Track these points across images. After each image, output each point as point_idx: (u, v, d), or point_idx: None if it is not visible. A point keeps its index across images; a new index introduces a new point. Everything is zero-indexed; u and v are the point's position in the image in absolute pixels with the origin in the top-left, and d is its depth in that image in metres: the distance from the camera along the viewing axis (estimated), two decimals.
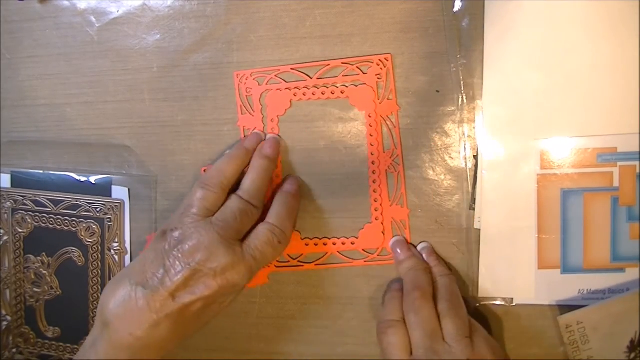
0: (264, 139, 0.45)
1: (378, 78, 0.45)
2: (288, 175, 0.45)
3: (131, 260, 0.50)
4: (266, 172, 0.43)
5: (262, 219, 0.42)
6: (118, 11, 0.48)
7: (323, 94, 0.45)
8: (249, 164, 0.44)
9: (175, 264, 0.38)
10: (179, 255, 0.38)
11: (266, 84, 0.46)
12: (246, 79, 0.46)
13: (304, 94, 0.46)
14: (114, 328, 0.37)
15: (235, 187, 0.43)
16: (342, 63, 0.45)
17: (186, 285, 0.37)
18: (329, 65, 0.45)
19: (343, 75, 0.45)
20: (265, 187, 0.43)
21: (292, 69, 0.46)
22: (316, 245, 0.47)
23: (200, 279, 0.38)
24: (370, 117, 0.45)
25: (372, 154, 0.46)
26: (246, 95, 0.47)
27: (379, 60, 0.45)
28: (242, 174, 0.44)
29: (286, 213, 0.42)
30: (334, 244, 0.47)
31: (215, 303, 0.39)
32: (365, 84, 0.45)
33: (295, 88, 0.46)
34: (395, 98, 0.45)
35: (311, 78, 0.45)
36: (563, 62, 0.42)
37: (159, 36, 0.48)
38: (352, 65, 0.45)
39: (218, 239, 0.38)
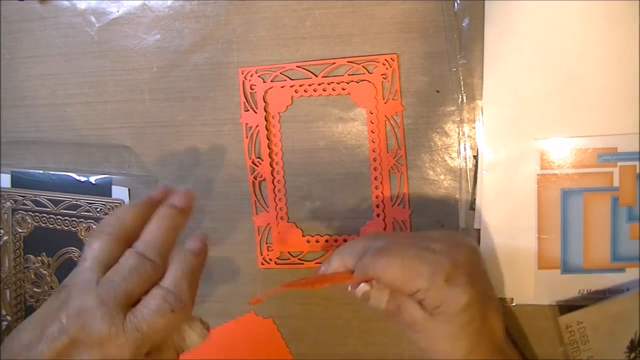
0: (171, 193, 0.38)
1: (384, 78, 0.45)
2: (197, 233, 0.37)
3: None
4: (171, 223, 0.36)
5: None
6: (118, 11, 0.48)
7: (324, 91, 0.45)
8: None
9: (54, 330, 0.32)
10: (61, 319, 0.32)
11: (270, 81, 0.46)
12: (251, 76, 0.46)
13: (305, 90, 0.46)
14: None
15: None
16: (348, 62, 0.45)
17: (65, 354, 0.32)
18: (334, 63, 0.45)
19: (348, 74, 0.45)
20: (170, 241, 0.35)
21: (297, 66, 0.46)
22: (317, 242, 0.47)
23: (79, 348, 0.32)
24: (371, 113, 0.45)
25: (373, 150, 0.45)
26: (250, 92, 0.47)
27: (385, 59, 0.44)
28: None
29: (185, 276, 0.34)
30: (336, 241, 0.47)
31: None
32: (367, 80, 0.45)
33: (299, 85, 0.46)
34: (400, 98, 0.45)
35: (316, 76, 0.45)
36: (563, 62, 0.42)
37: (159, 36, 0.48)
38: (358, 64, 0.45)
39: (97, 304, 0.31)
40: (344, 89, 0.45)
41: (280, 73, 0.46)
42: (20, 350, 0.33)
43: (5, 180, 0.52)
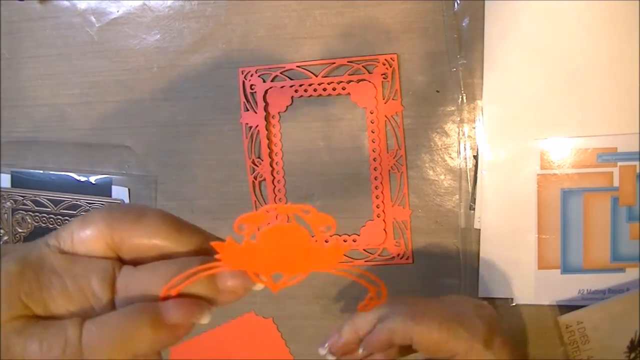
0: None
1: (384, 78, 0.45)
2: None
3: None
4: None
5: None
6: (118, 11, 0.48)
7: (324, 90, 0.45)
8: None
9: None
10: None
11: (270, 81, 0.46)
12: (251, 76, 0.46)
13: (305, 90, 0.46)
14: None
15: None
16: (348, 62, 0.45)
17: None
18: (334, 63, 0.45)
19: (348, 74, 0.45)
20: None
21: (297, 66, 0.46)
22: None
23: None
24: (371, 113, 0.45)
25: (373, 150, 0.45)
26: (250, 92, 0.47)
27: (385, 59, 0.44)
28: None
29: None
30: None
31: None
32: (367, 80, 0.45)
33: (299, 85, 0.46)
34: (400, 98, 0.45)
35: (316, 76, 0.45)
36: (563, 62, 0.42)
37: (159, 36, 0.48)
38: (358, 64, 0.45)
39: None
40: (344, 89, 0.45)
41: (280, 73, 0.46)
42: None
43: (5, 180, 0.52)
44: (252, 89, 0.47)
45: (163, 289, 0.22)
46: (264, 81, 0.46)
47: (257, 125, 0.47)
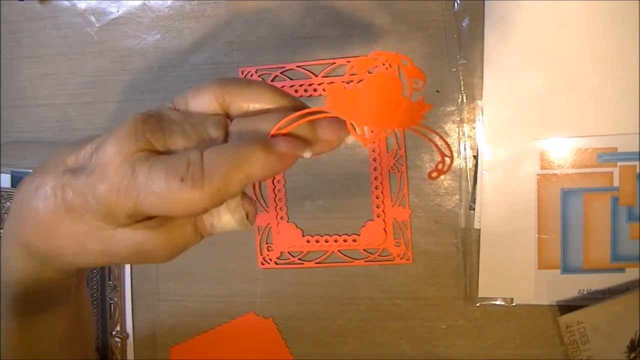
0: None
1: None
2: None
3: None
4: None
5: None
6: (118, 11, 0.48)
7: (324, 90, 0.45)
8: None
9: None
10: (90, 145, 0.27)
11: (270, 81, 0.46)
12: (251, 76, 0.46)
13: (305, 90, 0.46)
14: None
15: None
16: (348, 62, 0.45)
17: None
18: (334, 63, 0.45)
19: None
20: None
21: (297, 66, 0.46)
22: (317, 242, 0.47)
23: (85, 172, 0.26)
24: None
25: (373, 150, 0.45)
26: None
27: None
28: None
29: (226, 162, 0.25)
30: (336, 241, 0.47)
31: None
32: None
33: (299, 85, 0.46)
34: None
35: (316, 76, 0.45)
36: (563, 62, 0.42)
37: (159, 36, 0.48)
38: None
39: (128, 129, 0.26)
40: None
41: (280, 73, 0.46)
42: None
43: (5, 180, 0.51)
44: None
45: (272, 130, 0.25)
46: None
47: None
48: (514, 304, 0.45)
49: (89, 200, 0.24)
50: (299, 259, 0.47)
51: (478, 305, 0.45)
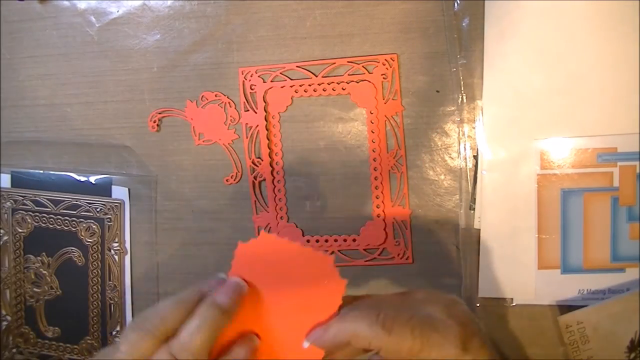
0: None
1: (383, 78, 0.45)
2: (229, 281, 0.34)
3: (131, 261, 0.50)
4: (212, 326, 0.32)
5: None
6: (118, 11, 0.48)
7: (324, 91, 0.45)
8: None
9: None
10: None
11: (270, 81, 0.46)
12: (251, 76, 0.46)
13: (305, 90, 0.46)
14: None
15: None
16: (348, 62, 0.45)
17: None
18: (334, 63, 0.45)
19: (348, 74, 0.45)
20: (208, 344, 0.32)
21: (297, 66, 0.46)
22: (317, 242, 0.47)
23: None
24: (371, 113, 0.45)
25: (373, 150, 0.45)
26: (250, 92, 0.47)
27: (385, 59, 0.44)
28: None
29: (201, 331, 0.32)
30: (335, 240, 0.47)
31: None
32: (367, 80, 0.45)
33: (299, 85, 0.46)
34: (400, 98, 0.45)
35: (316, 76, 0.45)
36: (563, 62, 0.42)
37: (159, 36, 0.48)
38: (358, 64, 0.45)
39: None
40: (344, 89, 0.45)
41: (280, 73, 0.46)
42: None
43: (5, 180, 0.52)
44: (252, 89, 0.47)
45: None
46: (264, 81, 0.46)
47: (257, 125, 0.47)
48: (514, 304, 0.45)
49: None
50: None
51: (478, 305, 0.45)
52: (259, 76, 0.46)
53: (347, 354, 0.34)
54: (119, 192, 0.49)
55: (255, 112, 0.47)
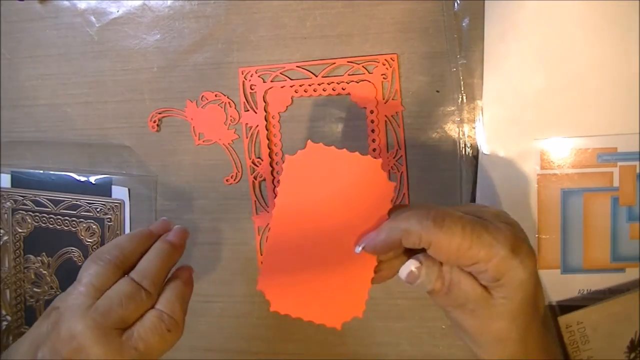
0: (171, 228, 0.41)
1: (383, 78, 0.45)
2: (182, 265, 0.40)
3: None
4: (167, 258, 0.38)
5: None
6: (118, 11, 0.48)
7: (324, 91, 0.45)
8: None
9: (47, 353, 0.33)
10: (53, 342, 0.34)
11: (270, 81, 0.46)
12: (251, 76, 0.46)
13: (305, 90, 0.46)
14: None
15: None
16: (348, 62, 0.45)
17: None
18: (334, 63, 0.45)
19: (348, 74, 0.45)
20: (164, 274, 0.38)
21: (297, 66, 0.46)
22: None
23: None
24: (371, 113, 0.45)
25: (373, 150, 0.45)
26: (250, 92, 0.47)
27: (385, 60, 0.45)
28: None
29: (177, 300, 0.37)
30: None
31: None
32: (367, 80, 0.45)
33: (299, 85, 0.46)
34: (400, 98, 0.45)
35: (316, 76, 0.45)
36: (563, 62, 0.42)
37: (159, 36, 0.48)
38: (358, 64, 0.45)
39: (92, 327, 0.33)
40: (344, 89, 0.45)
41: (280, 73, 0.46)
42: None
43: (5, 180, 0.52)
44: (252, 89, 0.47)
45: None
46: (264, 81, 0.46)
47: (257, 125, 0.47)
48: None
49: None
50: None
51: None
52: (259, 76, 0.46)
53: (394, 257, 0.34)
54: (119, 192, 0.49)
55: (255, 112, 0.47)
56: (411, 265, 0.32)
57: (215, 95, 0.47)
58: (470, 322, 0.33)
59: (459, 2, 0.43)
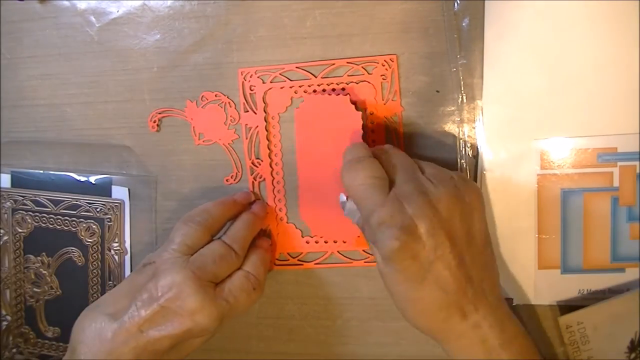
0: (253, 200, 0.46)
1: (383, 79, 0.45)
2: (262, 236, 0.46)
3: (131, 261, 0.50)
4: (253, 226, 0.44)
5: None
6: (118, 11, 0.48)
7: (324, 91, 0.45)
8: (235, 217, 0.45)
9: (145, 299, 0.37)
10: (151, 290, 0.38)
11: (270, 82, 0.46)
12: (250, 77, 0.46)
13: (304, 91, 0.46)
14: (80, 354, 0.38)
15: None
16: (347, 62, 0.45)
17: (154, 322, 0.37)
18: (334, 64, 0.45)
19: (348, 75, 0.45)
20: (249, 240, 0.43)
21: (296, 67, 0.46)
22: (317, 243, 0.47)
23: (168, 316, 0.37)
24: (371, 114, 0.45)
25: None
26: (249, 93, 0.47)
27: (384, 60, 0.44)
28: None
29: (261, 263, 0.43)
30: (335, 241, 0.47)
31: (185, 343, 0.39)
32: (366, 81, 0.45)
33: (298, 86, 0.46)
34: (400, 99, 0.45)
35: (315, 77, 0.45)
36: (563, 62, 0.42)
37: (159, 36, 0.48)
38: (357, 65, 0.45)
39: (191, 278, 0.37)
40: (343, 90, 0.45)
41: (280, 74, 0.46)
42: (103, 320, 0.38)
43: (5, 180, 0.52)
44: (251, 90, 0.47)
45: None
46: (264, 82, 0.46)
47: (256, 126, 0.47)
48: (513, 304, 0.45)
49: None
50: (298, 259, 0.47)
51: None
52: (258, 77, 0.46)
53: None
54: (119, 192, 0.49)
55: (255, 113, 0.47)
56: (342, 196, 0.40)
57: (215, 95, 0.47)
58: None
59: (459, 2, 0.43)
